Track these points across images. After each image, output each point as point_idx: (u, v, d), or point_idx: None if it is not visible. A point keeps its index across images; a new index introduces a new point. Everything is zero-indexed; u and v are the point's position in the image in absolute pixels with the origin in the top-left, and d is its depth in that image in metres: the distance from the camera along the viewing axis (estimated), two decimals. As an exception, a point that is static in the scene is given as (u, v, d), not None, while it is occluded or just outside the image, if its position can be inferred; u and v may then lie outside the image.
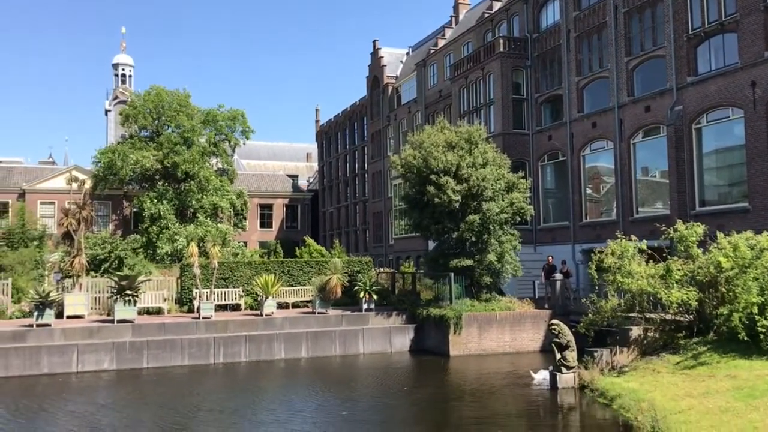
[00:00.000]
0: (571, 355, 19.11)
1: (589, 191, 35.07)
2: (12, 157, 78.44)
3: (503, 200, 27.38)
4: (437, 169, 26.81)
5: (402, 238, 51.90)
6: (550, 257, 30.22)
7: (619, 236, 20.95)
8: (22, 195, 62.67)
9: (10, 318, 25.95)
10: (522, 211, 27.90)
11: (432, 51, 53.17)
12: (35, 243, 47.24)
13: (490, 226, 26.97)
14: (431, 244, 33.70)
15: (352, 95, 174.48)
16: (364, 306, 27.82)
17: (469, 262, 26.92)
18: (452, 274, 26.79)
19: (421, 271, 32.21)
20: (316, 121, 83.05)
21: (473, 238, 27.15)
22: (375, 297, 28.08)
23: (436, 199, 26.53)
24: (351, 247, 64.71)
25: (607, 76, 33.41)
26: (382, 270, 37.26)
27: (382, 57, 61.72)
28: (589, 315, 20.74)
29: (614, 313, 20.19)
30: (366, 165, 65.46)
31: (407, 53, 62.97)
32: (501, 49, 38.77)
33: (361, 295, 27.92)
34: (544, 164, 37.99)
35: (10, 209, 60.79)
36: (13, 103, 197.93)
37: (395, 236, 54.47)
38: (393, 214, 54.88)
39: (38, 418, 16.81)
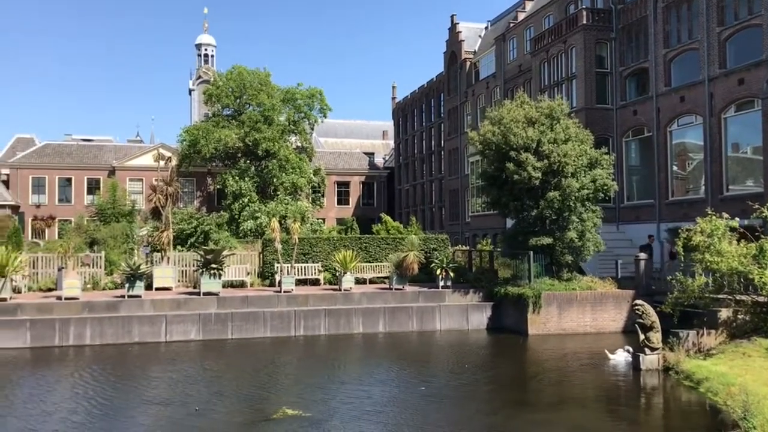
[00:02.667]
0: (656, 336, 18.60)
1: (674, 168, 33.75)
2: (102, 135, 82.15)
3: (585, 177, 26.69)
4: (517, 145, 26.36)
5: (479, 216, 51.46)
6: (651, 236, 29.32)
7: (709, 213, 20.08)
8: (112, 172, 65.64)
9: (104, 289, 27.33)
10: (605, 187, 27.12)
11: (511, 25, 52.08)
12: (126, 218, 49.45)
13: (571, 203, 26.38)
14: (509, 222, 33.31)
15: (429, 72, 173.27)
16: (441, 283, 27.84)
17: (548, 240, 26.45)
18: (531, 252, 26.41)
19: (499, 249, 31.90)
20: (393, 99, 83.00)
21: (553, 216, 26.64)
22: (452, 274, 28.06)
23: (516, 176, 26.13)
24: (426, 225, 64.70)
25: (697, 48, 31.88)
26: (458, 247, 37.14)
27: (460, 32, 60.88)
28: (675, 293, 20.05)
29: (701, 293, 19.42)
30: (442, 142, 65.05)
31: (486, 28, 61.89)
32: (584, 22, 37.56)
33: (438, 272, 27.94)
34: (629, 140, 36.75)
35: (101, 186, 63.74)
36: (103, 84, 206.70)
37: (472, 214, 54.05)
38: (470, 192, 54.44)
39: (131, 384, 17.73)
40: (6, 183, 65.02)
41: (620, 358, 19.83)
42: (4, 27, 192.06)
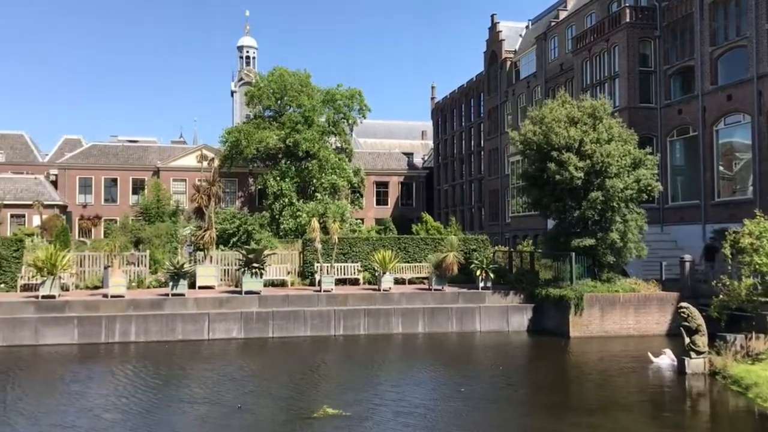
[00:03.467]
0: (701, 340, 18.21)
1: (721, 168, 32.96)
2: (147, 137, 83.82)
3: (629, 177, 26.26)
4: (559, 145, 26.07)
5: (519, 216, 51.01)
6: (711, 237, 28.66)
7: (758, 215, 19.56)
8: (156, 173, 66.86)
9: (148, 287, 27.87)
10: (649, 188, 26.64)
11: (553, 23, 51.50)
12: (170, 217, 50.36)
13: (614, 204, 25.98)
14: (550, 223, 32.94)
15: (469, 71, 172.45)
16: (481, 284, 27.69)
17: (591, 241, 26.10)
18: (573, 253, 26.10)
19: (540, 250, 31.59)
20: (432, 99, 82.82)
21: (596, 217, 26.29)
22: (492, 275, 27.88)
23: (557, 176, 25.84)
24: (466, 225, 64.37)
25: (745, 45, 31.07)
26: (498, 248, 36.89)
27: (501, 31, 60.45)
28: (721, 296, 19.59)
29: (749, 296, 18.95)
30: (482, 142, 64.65)
31: (526, 27, 61.31)
32: (627, 20, 36.93)
33: (478, 273, 27.79)
34: (673, 140, 36.01)
35: (146, 186, 65.01)
36: (148, 86, 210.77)
37: (512, 214, 53.60)
38: (510, 192, 53.99)
39: (174, 381, 18.09)
40: (54, 183, 66.77)
41: (664, 361, 19.47)
42: (50, 34, 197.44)
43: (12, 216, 59.46)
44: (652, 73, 37.00)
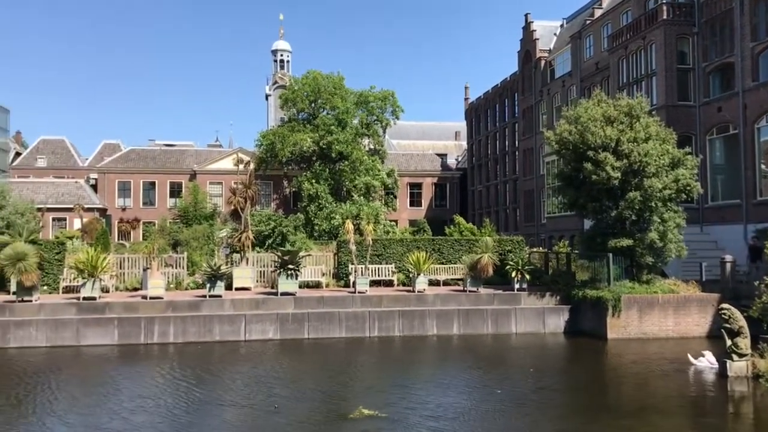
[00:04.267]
0: (744, 342, 17.81)
1: (763, 167, 32.19)
2: (184, 141, 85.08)
3: (667, 177, 25.81)
4: (595, 144, 25.76)
5: (555, 217, 50.54)
6: (754, 237, 28.05)
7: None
8: (193, 176, 67.86)
9: (186, 289, 28.26)
10: (688, 188, 26.16)
11: (588, 22, 50.91)
12: (206, 220, 51.05)
13: (653, 204, 25.56)
14: (587, 223, 32.55)
15: (502, 71, 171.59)
16: (516, 285, 27.48)
17: (628, 241, 25.71)
18: (610, 254, 25.74)
19: (576, 251, 31.22)
20: (466, 99, 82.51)
21: (633, 217, 25.90)
22: (527, 276, 27.64)
23: (594, 176, 25.52)
24: (501, 226, 63.97)
25: (788, 40, 30.34)
26: (534, 249, 36.57)
27: (535, 30, 59.99)
28: (764, 297, 19.12)
29: (794, 298, 18.48)
30: (517, 142, 64.20)
31: (561, 25, 60.73)
32: (664, 17, 36.33)
33: (513, 274, 27.57)
34: (713, 138, 35.28)
35: (183, 189, 66.00)
36: (185, 90, 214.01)
37: (548, 215, 53.14)
38: (545, 192, 53.53)
39: (212, 382, 18.30)
40: (94, 187, 68.20)
41: (704, 364, 19.08)
42: (89, 42, 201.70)
43: (54, 219, 60.95)
44: (690, 71, 36.34)
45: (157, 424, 13.84)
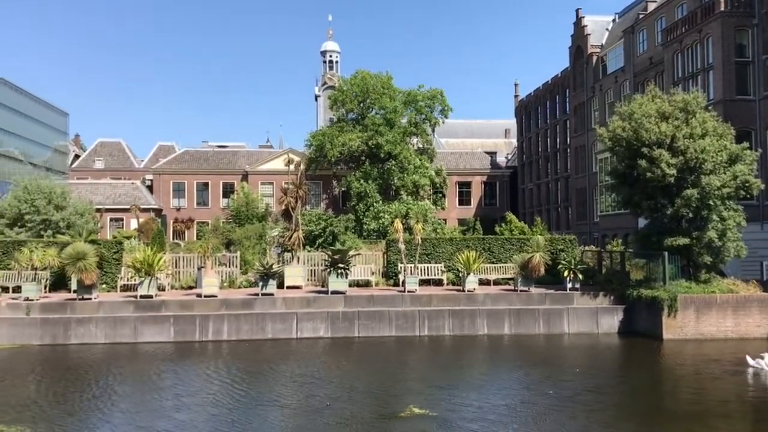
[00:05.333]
0: (809, 345, 17.16)
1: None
2: (236, 142, 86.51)
3: (725, 173, 25.07)
4: (649, 141, 25.19)
5: (608, 216, 49.59)
6: None
7: None
8: (245, 176, 68.91)
9: (239, 287, 28.75)
10: (747, 184, 25.35)
11: (641, 16, 49.79)
12: (258, 220, 51.79)
13: (710, 202, 24.87)
14: (641, 222, 31.88)
15: (553, 68, 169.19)
16: (569, 285, 27.07)
17: (685, 240, 25.07)
18: (666, 253, 25.16)
19: (630, 249, 30.58)
20: (515, 96, 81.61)
21: (690, 215, 25.25)
22: (580, 276, 27.21)
23: (648, 174, 24.97)
24: (552, 225, 63.09)
25: None
26: (586, 248, 35.98)
27: (586, 26, 58.96)
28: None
29: None
30: (568, 139, 63.21)
31: (613, 20, 59.55)
32: (722, 9, 35.30)
33: (566, 273, 27.18)
34: (774, 133, 34.11)
35: (235, 189, 67.11)
36: (237, 92, 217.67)
37: (601, 213, 52.18)
38: (598, 190, 52.58)
39: (265, 378, 18.59)
40: (150, 188, 69.90)
41: (763, 365, 18.45)
42: (144, 50, 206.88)
43: (111, 220, 62.76)
44: (749, 64, 35.23)
45: (217, 417, 14.12)
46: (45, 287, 26.34)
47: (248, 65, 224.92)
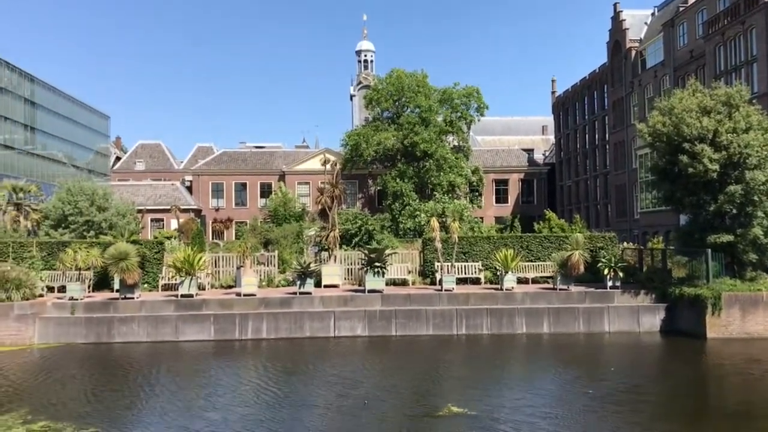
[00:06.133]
0: None
1: None
2: (273, 142, 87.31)
3: (770, 168, 24.43)
4: (691, 136, 24.70)
5: (649, 212, 48.78)
6: None
7: None
8: (282, 176, 69.51)
9: (277, 286, 29.00)
10: (794, 180, 24.65)
11: (681, 9, 48.77)
12: (295, 219, 52.19)
13: (755, 197, 24.27)
14: (683, 219, 31.28)
15: (590, 63, 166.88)
16: (609, 283, 26.69)
17: (729, 237, 24.50)
18: (709, 250, 24.63)
19: (672, 247, 30.01)
20: (552, 93, 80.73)
21: (734, 211, 24.67)
22: (621, 274, 26.79)
23: (690, 169, 24.48)
24: (591, 223, 62.27)
25: None
26: (626, 246, 35.40)
27: (624, 20, 58.03)
28: None
29: None
30: (607, 135, 62.32)
31: (652, 14, 58.48)
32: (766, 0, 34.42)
33: (606, 271, 26.80)
34: (822, 126, 33.09)
35: (273, 189, 67.76)
36: (272, 94, 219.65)
37: (641, 210, 51.35)
38: (638, 187, 51.74)
39: (303, 376, 18.74)
40: (189, 188, 70.97)
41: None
42: (182, 52, 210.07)
43: (152, 220, 63.87)
44: (795, 55, 34.24)
45: (255, 415, 14.29)
46: (89, 287, 26.93)
47: (284, 67, 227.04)
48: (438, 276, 27.99)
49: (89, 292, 26.85)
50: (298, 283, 26.09)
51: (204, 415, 14.46)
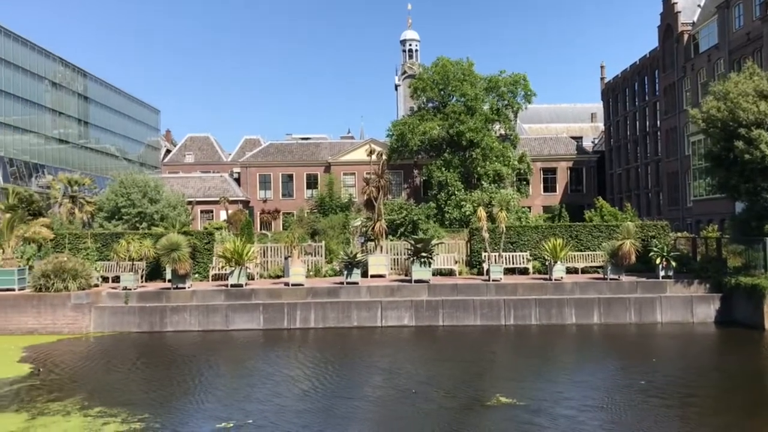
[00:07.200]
0: None
1: None
2: (318, 134, 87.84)
3: (833, 154, 23.50)
4: (747, 121, 23.90)
5: (703, 200, 47.48)
6: None
7: None
8: (328, 167, 69.94)
9: (324, 276, 29.21)
10: None
11: (737, -11, 47.16)
12: (341, 210, 52.50)
13: (816, 184, 23.41)
14: (739, 206, 30.36)
15: (640, 48, 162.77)
16: (661, 273, 26.08)
17: (788, 225, 23.69)
18: (767, 238, 23.84)
19: (727, 235, 29.14)
20: (602, 79, 79.14)
21: (793, 198, 23.84)
22: (673, 264, 26.14)
23: (746, 155, 23.71)
24: (642, 211, 60.94)
25: None
26: (679, 235, 34.55)
27: (676, 3, 56.38)
28: None
29: None
30: (658, 122, 60.82)
31: (706, -5, 56.71)
32: (828, -24, 32.98)
33: (658, 261, 26.19)
34: None
35: (319, 180, 68.23)
36: (318, 87, 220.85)
37: (694, 198, 50.02)
38: (691, 174, 50.39)
39: (351, 365, 18.85)
40: (237, 180, 72.01)
41: None
42: (229, 46, 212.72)
43: (202, 211, 65.05)
44: None
45: (304, 403, 14.44)
46: (142, 277, 27.57)
47: (329, 59, 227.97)
48: (485, 266, 27.79)
49: (142, 282, 27.49)
50: (345, 273, 26.22)
51: (254, 403, 14.66)
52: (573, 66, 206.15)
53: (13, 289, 24.95)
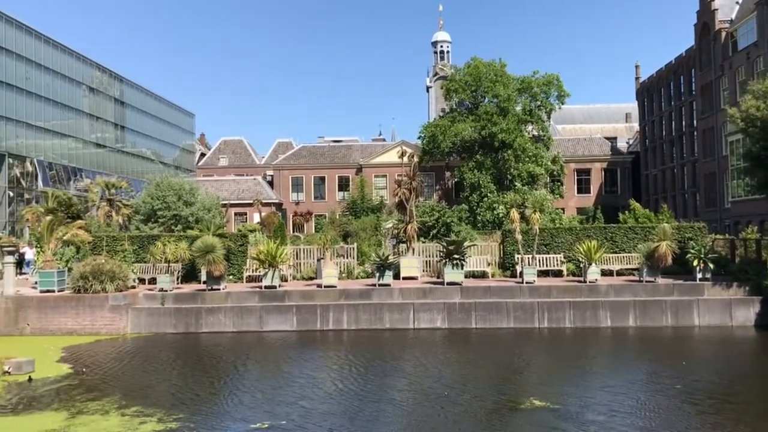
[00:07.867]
0: None
1: None
2: (350, 136, 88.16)
3: None
4: (788, 120, 23.38)
5: (742, 201, 46.52)
6: None
7: None
8: (359, 169, 70.15)
9: (357, 278, 29.29)
10: None
11: (776, -15, 46.16)
12: (373, 212, 52.62)
13: None
14: (779, 207, 29.66)
15: (677, 47, 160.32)
16: (699, 275, 25.61)
17: (831, 226, 23.08)
18: (809, 240, 23.27)
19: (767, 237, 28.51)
20: (636, 78, 78.00)
21: (837, 199, 23.21)
22: (711, 266, 25.65)
23: (787, 155, 23.19)
24: (678, 212, 59.92)
25: None
26: (717, 236, 33.89)
27: (713, 0, 55.38)
28: None
29: None
30: (694, 122, 59.75)
31: (744, -8, 55.60)
32: None
33: (695, 263, 25.72)
34: None
35: (350, 182, 68.45)
36: (350, 89, 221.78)
37: (732, 199, 49.03)
38: (729, 174, 49.42)
39: (384, 367, 18.85)
40: (270, 183, 72.60)
41: None
42: (261, 50, 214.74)
43: (235, 214, 65.75)
44: None
45: (336, 404, 14.50)
46: (177, 278, 27.95)
47: (361, 62, 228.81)
48: (518, 268, 27.59)
49: (178, 283, 27.86)
50: (377, 275, 26.26)
51: (287, 405, 14.75)
52: (607, 66, 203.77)
53: (53, 291, 25.52)
